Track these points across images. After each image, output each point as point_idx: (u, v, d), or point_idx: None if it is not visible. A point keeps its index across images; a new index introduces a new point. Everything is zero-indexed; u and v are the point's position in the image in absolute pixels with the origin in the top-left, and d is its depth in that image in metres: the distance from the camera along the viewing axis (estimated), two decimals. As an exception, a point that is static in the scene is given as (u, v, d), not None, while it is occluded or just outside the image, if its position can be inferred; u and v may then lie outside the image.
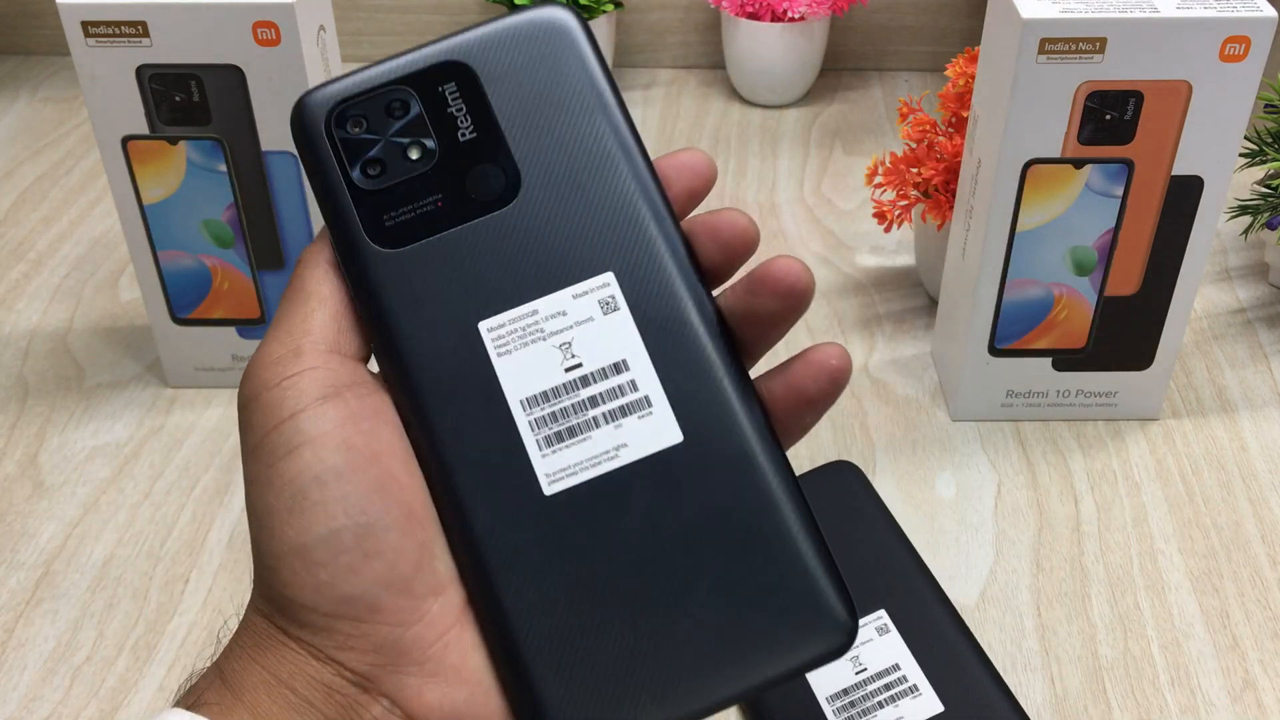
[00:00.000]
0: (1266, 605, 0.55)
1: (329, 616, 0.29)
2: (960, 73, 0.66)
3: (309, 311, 0.31)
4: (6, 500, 0.61)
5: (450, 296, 0.30)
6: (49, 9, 1.02)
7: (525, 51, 0.32)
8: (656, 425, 0.30)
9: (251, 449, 0.30)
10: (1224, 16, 0.52)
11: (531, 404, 0.30)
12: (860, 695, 0.43)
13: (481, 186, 0.31)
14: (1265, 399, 0.67)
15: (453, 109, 0.31)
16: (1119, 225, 0.59)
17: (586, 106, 0.32)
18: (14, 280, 0.78)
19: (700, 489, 0.30)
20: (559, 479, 0.30)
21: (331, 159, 0.31)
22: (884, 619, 0.48)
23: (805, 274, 0.30)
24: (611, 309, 0.31)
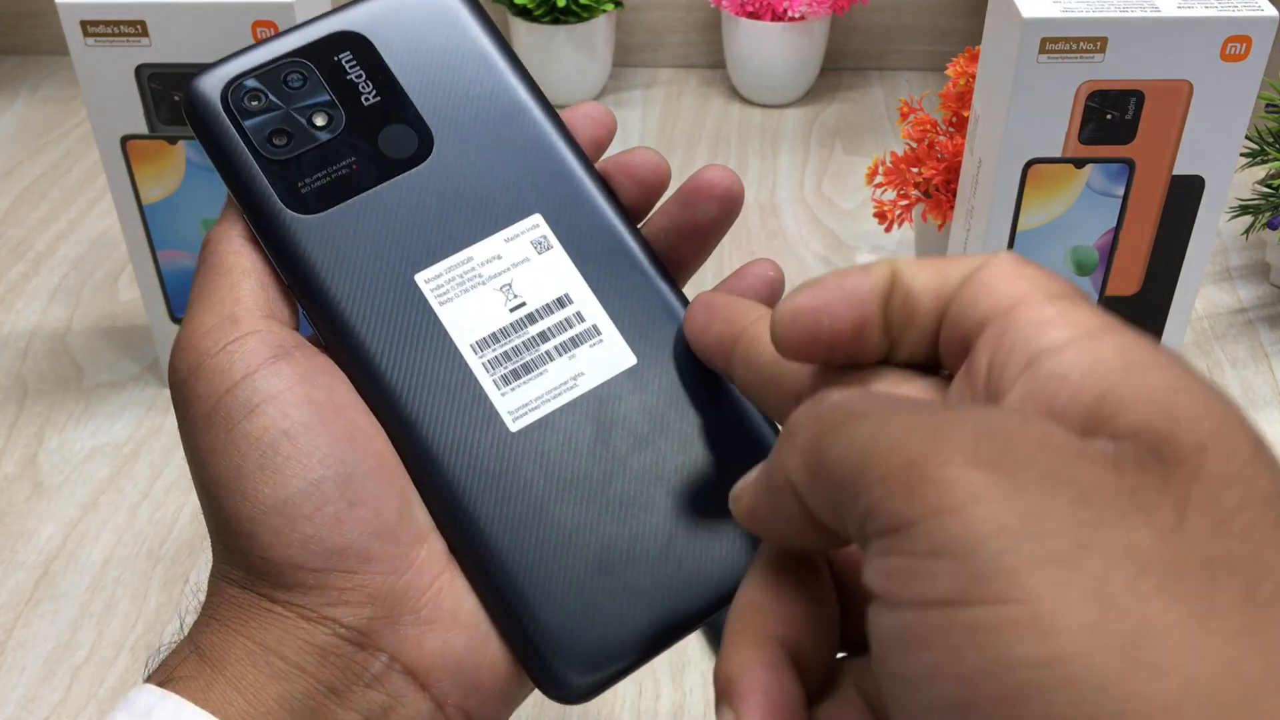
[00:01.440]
0: (1267, 606, 0.55)
1: (319, 571, 0.28)
2: (961, 72, 0.66)
3: (234, 282, 0.30)
4: (6, 500, 0.61)
5: (381, 254, 0.31)
6: (48, 8, 1.02)
7: (416, 18, 0.32)
8: (609, 351, 0.31)
9: (204, 417, 0.29)
10: (1225, 16, 0.52)
11: (482, 346, 0.30)
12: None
13: (394, 146, 0.31)
14: (1266, 399, 0.67)
15: (352, 75, 0.32)
16: (1120, 225, 0.59)
17: (483, 63, 0.32)
18: (13, 280, 0.77)
19: (663, 405, 0.30)
20: (522, 414, 0.30)
21: (234, 134, 0.31)
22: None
23: (736, 179, 0.32)
24: (545, 248, 0.31)
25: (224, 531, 0.29)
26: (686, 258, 0.32)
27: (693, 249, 0.32)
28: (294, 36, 0.32)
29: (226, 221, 0.31)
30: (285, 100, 0.31)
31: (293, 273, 0.30)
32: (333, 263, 0.30)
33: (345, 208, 0.31)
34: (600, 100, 0.97)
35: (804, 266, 0.78)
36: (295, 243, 0.30)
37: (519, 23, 0.92)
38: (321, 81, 0.31)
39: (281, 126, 0.31)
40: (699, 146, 0.91)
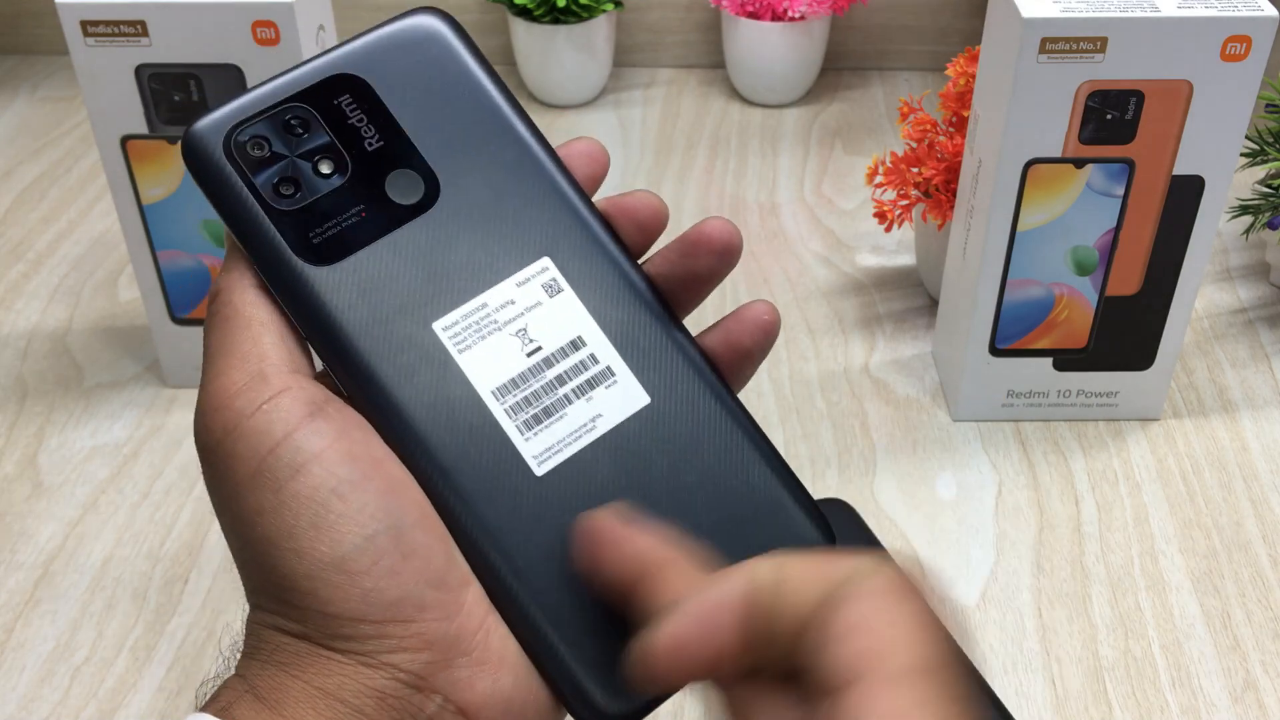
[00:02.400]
0: (1268, 605, 0.55)
1: (380, 623, 0.29)
2: (961, 72, 0.66)
3: (255, 336, 0.30)
4: (5, 500, 0.61)
5: (398, 303, 0.31)
6: (48, 8, 1.02)
7: (409, 57, 0.32)
8: (624, 392, 0.31)
9: (248, 478, 0.29)
10: (1225, 16, 0.52)
11: (503, 392, 0.31)
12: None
13: (401, 191, 0.31)
14: (1266, 399, 0.67)
15: (353, 120, 0.31)
16: (1120, 225, 0.59)
17: (481, 104, 0.32)
18: (13, 280, 0.77)
19: (678, 443, 0.31)
20: (546, 458, 0.30)
21: (240, 184, 0.31)
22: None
23: (736, 232, 0.33)
24: (556, 290, 0.32)
25: (277, 588, 0.29)
26: (683, 302, 0.34)
27: (689, 295, 0.33)
28: (289, 79, 0.31)
29: (235, 271, 0.31)
30: (289, 147, 0.31)
31: (311, 325, 0.30)
32: (351, 314, 0.30)
33: (359, 257, 0.31)
34: (600, 100, 0.97)
35: (804, 266, 0.78)
36: (312, 295, 0.30)
37: (519, 23, 0.92)
38: (324, 126, 0.31)
39: (288, 175, 0.31)
40: (699, 146, 0.91)
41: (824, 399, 0.67)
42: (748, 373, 0.34)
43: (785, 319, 0.73)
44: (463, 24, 0.34)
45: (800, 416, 0.66)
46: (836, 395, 0.67)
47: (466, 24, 1.10)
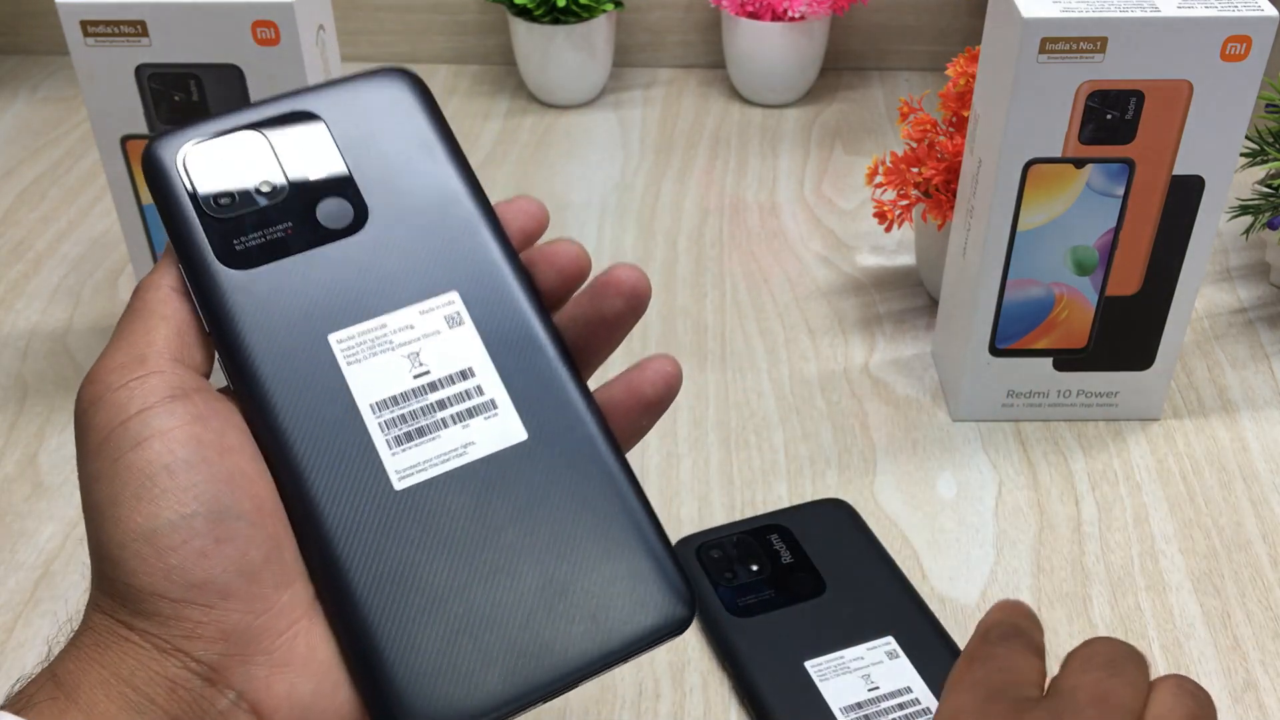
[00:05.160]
0: (1268, 605, 0.55)
1: (178, 603, 0.29)
2: (961, 72, 0.66)
3: (151, 326, 0.32)
4: (5, 500, 0.61)
5: (301, 313, 0.33)
6: (48, 8, 1.02)
7: (369, 103, 0.35)
8: (502, 425, 0.32)
9: (95, 446, 0.30)
10: (1225, 16, 0.52)
11: (381, 407, 0.32)
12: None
13: (331, 217, 0.34)
14: (1266, 399, 0.67)
15: (301, 150, 0.34)
16: (1120, 225, 0.59)
17: (426, 150, 0.35)
18: (13, 280, 0.77)
19: (545, 482, 0.32)
20: (409, 475, 0.31)
21: (181, 190, 0.33)
22: (892, 644, 0.49)
23: (644, 279, 0.35)
24: (457, 323, 0.33)
25: (96, 556, 0.30)
26: (595, 347, 0.35)
27: (600, 340, 0.35)
28: (253, 110, 0.35)
29: (159, 271, 0.33)
30: (236, 166, 0.34)
31: (215, 321, 0.32)
32: (253, 315, 0.32)
33: (274, 267, 0.33)
34: (600, 100, 0.97)
35: (804, 266, 0.78)
36: (223, 294, 0.32)
37: (519, 22, 0.92)
38: (273, 152, 0.34)
39: (228, 189, 0.33)
40: (699, 146, 0.91)
41: (824, 399, 0.67)
42: (646, 424, 0.35)
43: (786, 319, 0.73)
44: (464, 24, 0.35)
45: (800, 416, 0.66)
46: (836, 395, 0.67)
47: (466, 24, 1.10)
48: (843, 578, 0.51)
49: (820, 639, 0.48)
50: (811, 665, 0.47)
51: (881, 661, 0.47)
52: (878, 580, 0.52)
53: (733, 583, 0.50)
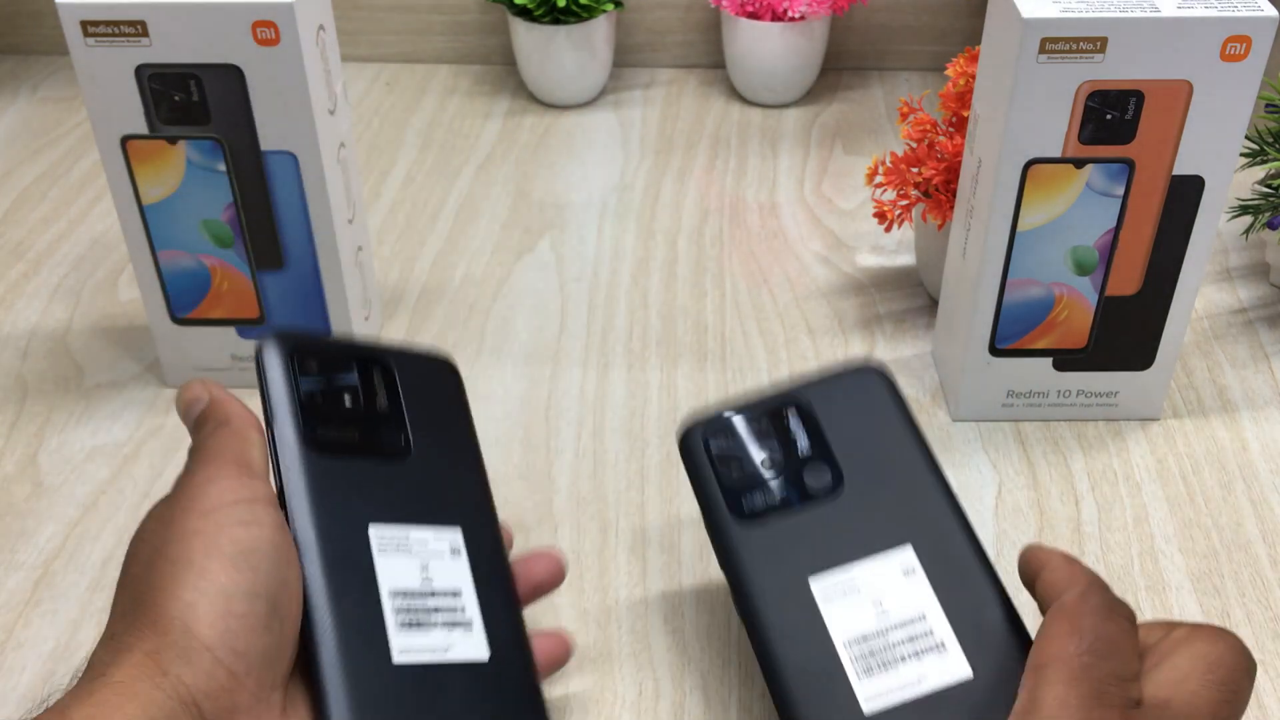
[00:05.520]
0: (1267, 605, 0.55)
1: (217, 659, 0.35)
2: (961, 72, 0.66)
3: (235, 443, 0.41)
4: (5, 500, 0.61)
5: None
6: (48, 8, 1.02)
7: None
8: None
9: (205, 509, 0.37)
10: (1225, 16, 0.52)
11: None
12: (881, 644, 0.40)
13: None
14: (1266, 399, 0.67)
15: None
16: (1120, 225, 0.59)
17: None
18: (13, 280, 0.77)
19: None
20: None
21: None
22: (910, 558, 0.43)
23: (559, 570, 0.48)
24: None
25: (157, 594, 0.36)
26: None
27: None
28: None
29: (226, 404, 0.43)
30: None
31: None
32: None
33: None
34: (600, 100, 0.97)
35: (804, 266, 0.78)
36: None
37: (519, 23, 0.92)
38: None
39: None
40: (699, 146, 0.91)
41: (824, 399, 0.67)
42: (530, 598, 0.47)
43: (786, 319, 0.73)
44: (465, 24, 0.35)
45: (800, 416, 0.66)
46: (836, 395, 0.67)
47: (467, 24, 1.10)
48: (863, 469, 0.45)
49: (831, 549, 0.43)
50: (817, 584, 0.42)
51: (895, 580, 0.42)
52: (903, 472, 0.45)
53: (740, 479, 0.46)
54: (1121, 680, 0.34)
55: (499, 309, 0.74)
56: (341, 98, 0.64)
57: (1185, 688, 0.34)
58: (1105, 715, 0.33)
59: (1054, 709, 0.34)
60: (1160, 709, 0.34)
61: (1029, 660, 0.36)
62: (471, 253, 0.80)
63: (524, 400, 0.67)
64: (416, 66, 1.03)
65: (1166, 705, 0.34)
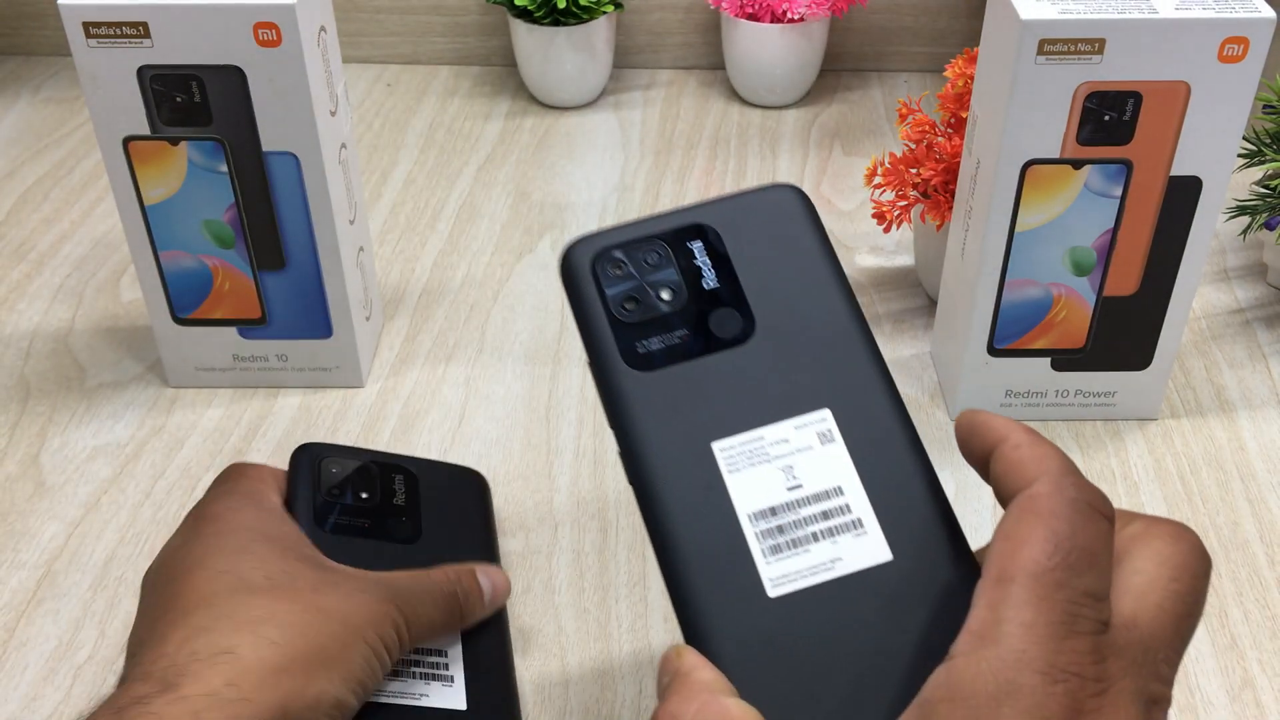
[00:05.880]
0: (1265, 605, 0.55)
1: None
2: (959, 73, 0.66)
3: None
4: (8, 500, 0.61)
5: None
6: (50, 9, 1.02)
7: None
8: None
9: None
10: (1223, 17, 0.52)
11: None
12: (791, 520, 0.34)
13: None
14: (1264, 399, 0.67)
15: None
16: (1118, 225, 0.59)
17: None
18: (15, 280, 0.78)
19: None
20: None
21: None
22: (828, 423, 0.36)
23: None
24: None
25: None
26: None
27: None
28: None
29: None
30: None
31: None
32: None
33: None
34: (600, 101, 0.97)
35: (803, 267, 0.78)
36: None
37: (519, 24, 0.93)
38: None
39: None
40: (698, 148, 0.91)
41: (823, 399, 0.67)
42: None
43: (785, 319, 0.74)
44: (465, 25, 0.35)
45: (799, 416, 0.66)
46: (836, 395, 0.68)
47: (467, 25, 1.11)
48: (778, 315, 0.37)
49: (737, 407, 0.36)
50: (721, 449, 0.35)
51: (810, 447, 0.35)
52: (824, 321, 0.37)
53: (636, 316, 0.37)
54: (1096, 601, 0.29)
55: (499, 309, 0.75)
56: (343, 99, 0.64)
57: (1149, 600, 0.30)
58: (1076, 646, 0.28)
59: (1018, 637, 0.28)
60: (1127, 630, 0.29)
61: (989, 567, 0.30)
62: (472, 253, 0.80)
63: (524, 400, 0.67)
64: (417, 68, 1.03)
65: (1133, 625, 0.29)
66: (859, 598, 0.33)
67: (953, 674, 0.28)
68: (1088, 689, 0.28)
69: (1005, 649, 0.28)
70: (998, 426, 0.33)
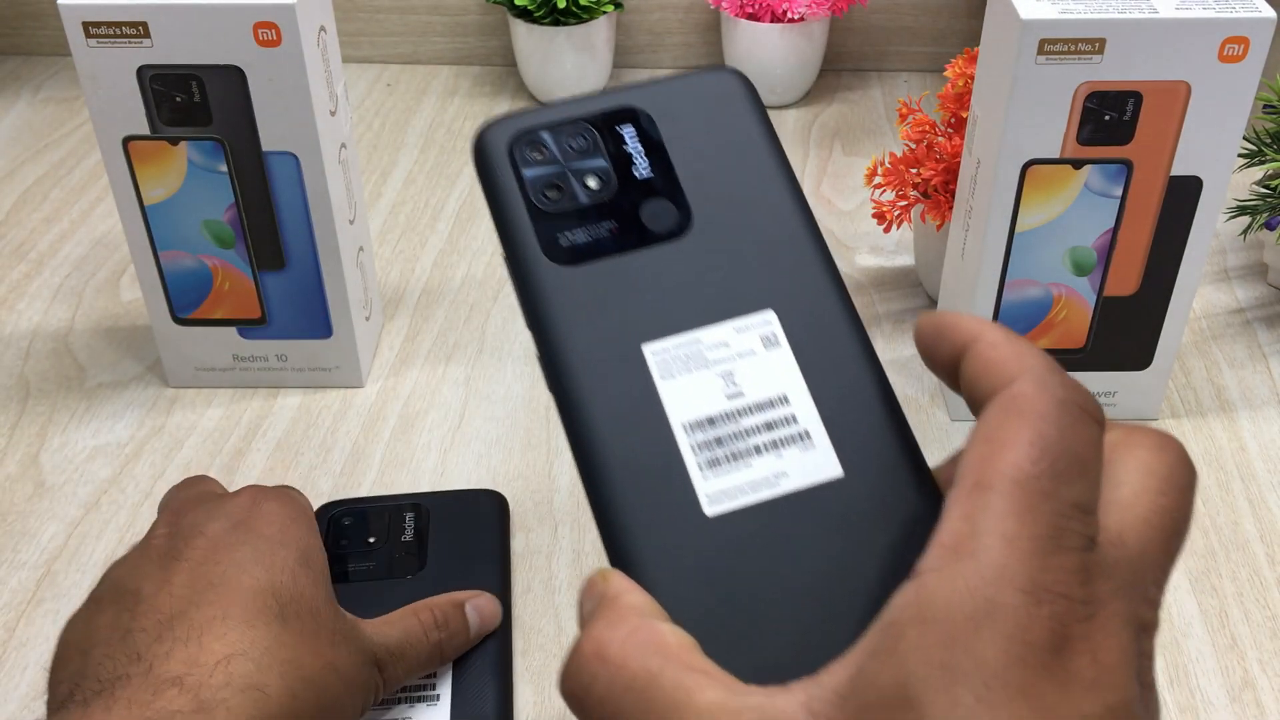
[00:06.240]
0: (1265, 605, 0.55)
1: None
2: (960, 73, 0.66)
3: None
4: (8, 500, 0.61)
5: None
6: (50, 9, 1.02)
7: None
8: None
9: None
10: (1223, 17, 0.52)
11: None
12: (730, 431, 0.31)
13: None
14: (1264, 399, 0.67)
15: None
16: (1118, 225, 0.59)
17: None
18: (15, 280, 0.78)
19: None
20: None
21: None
22: (772, 325, 0.32)
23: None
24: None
25: None
26: None
27: None
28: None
29: None
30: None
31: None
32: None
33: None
34: (600, 101, 0.97)
35: (803, 267, 0.78)
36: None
37: (519, 24, 0.93)
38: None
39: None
40: (699, 147, 0.91)
41: (823, 399, 0.67)
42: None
43: (785, 319, 0.74)
44: (465, 25, 0.34)
45: (800, 416, 0.66)
46: (836, 395, 0.68)
47: (467, 25, 1.10)
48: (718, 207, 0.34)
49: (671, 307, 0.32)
50: (652, 352, 0.32)
51: (753, 352, 0.32)
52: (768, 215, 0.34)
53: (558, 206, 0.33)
54: (1085, 514, 0.25)
55: (499, 309, 0.75)
56: (342, 99, 0.64)
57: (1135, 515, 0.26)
58: (1063, 563, 0.24)
59: (999, 550, 0.24)
60: (1115, 548, 0.25)
61: (963, 473, 0.26)
62: (472, 253, 0.80)
63: (524, 400, 0.67)
64: (417, 68, 1.03)
65: (1121, 543, 0.26)
66: (807, 516, 0.30)
67: (923, 592, 0.24)
68: (1075, 612, 0.24)
69: (984, 563, 0.24)
70: (968, 325, 0.29)
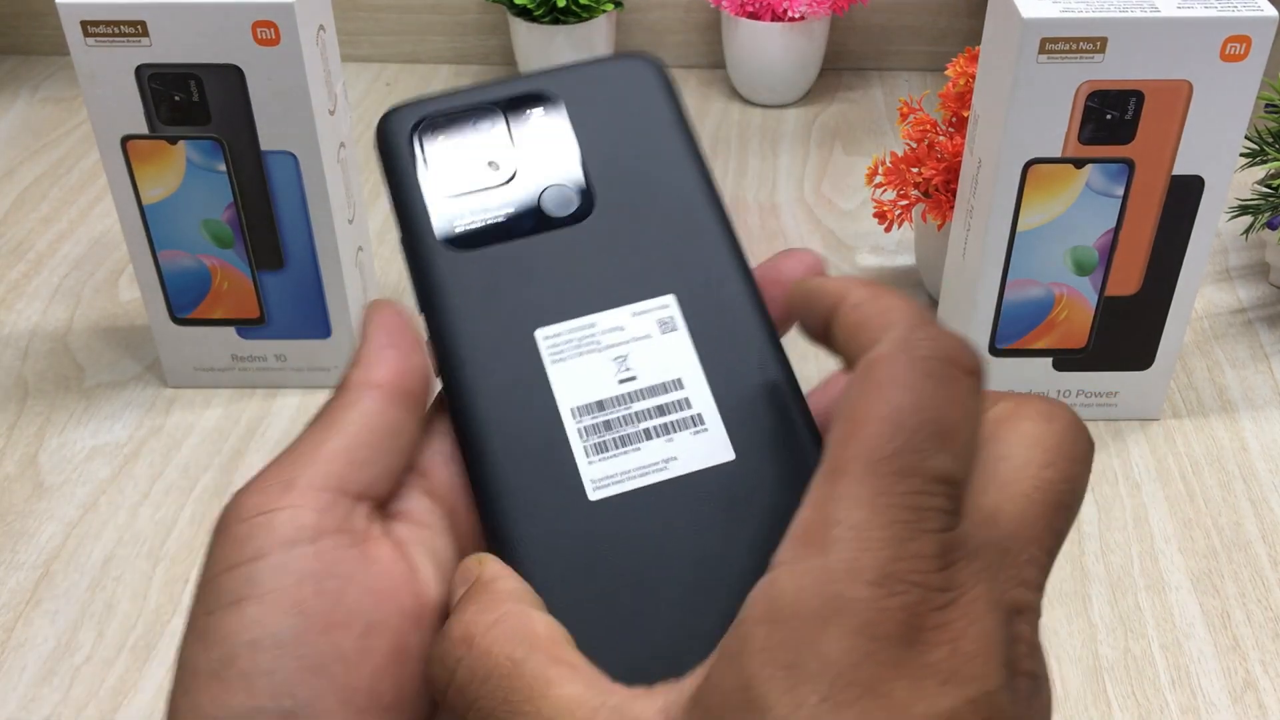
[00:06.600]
0: (1267, 605, 0.55)
1: None
2: (961, 72, 0.66)
3: (321, 440, 0.28)
4: (6, 500, 0.61)
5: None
6: (49, 9, 1.02)
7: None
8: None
9: (201, 586, 0.27)
10: (1225, 16, 0.52)
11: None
12: (620, 415, 0.30)
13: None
14: (1266, 399, 0.67)
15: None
16: (1119, 225, 0.59)
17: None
18: (14, 280, 0.77)
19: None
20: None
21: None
22: (670, 310, 0.32)
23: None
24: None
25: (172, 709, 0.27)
26: None
27: None
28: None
29: (367, 363, 0.30)
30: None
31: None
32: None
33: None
34: (600, 100, 0.97)
35: (804, 267, 0.78)
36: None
37: (519, 23, 0.92)
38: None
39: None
40: (699, 147, 0.91)
41: (824, 399, 0.67)
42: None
43: (785, 319, 0.73)
44: (465, 24, 0.34)
45: (800, 416, 0.66)
46: (836, 395, 0.67)
47: (467, 24, 1.10)
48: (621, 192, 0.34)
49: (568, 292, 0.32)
50: (544, 336, 0.31)
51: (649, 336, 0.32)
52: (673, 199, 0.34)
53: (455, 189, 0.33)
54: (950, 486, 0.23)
55: (499, 309, 0.74)
56: (342, 98, 0.64)
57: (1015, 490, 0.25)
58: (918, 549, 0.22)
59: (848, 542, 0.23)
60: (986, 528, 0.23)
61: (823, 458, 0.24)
62: (472, 253, 0.80)
63: (524, 400, 0.67)
64: (417, 67, 1.03)
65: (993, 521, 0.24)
66: (694, 501, 0.29)
67: (773, 589, 0.23)
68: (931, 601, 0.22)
69: (833, 558, 0.22)
70: (833, 287, 0.27)
